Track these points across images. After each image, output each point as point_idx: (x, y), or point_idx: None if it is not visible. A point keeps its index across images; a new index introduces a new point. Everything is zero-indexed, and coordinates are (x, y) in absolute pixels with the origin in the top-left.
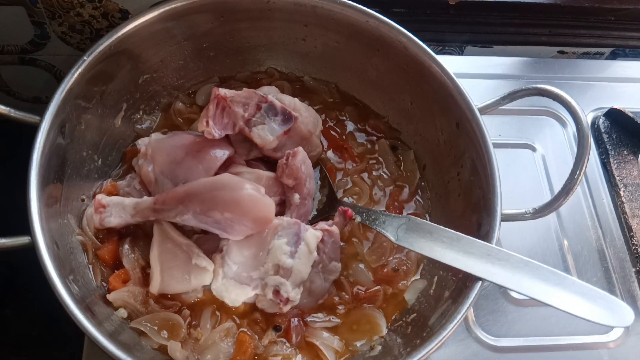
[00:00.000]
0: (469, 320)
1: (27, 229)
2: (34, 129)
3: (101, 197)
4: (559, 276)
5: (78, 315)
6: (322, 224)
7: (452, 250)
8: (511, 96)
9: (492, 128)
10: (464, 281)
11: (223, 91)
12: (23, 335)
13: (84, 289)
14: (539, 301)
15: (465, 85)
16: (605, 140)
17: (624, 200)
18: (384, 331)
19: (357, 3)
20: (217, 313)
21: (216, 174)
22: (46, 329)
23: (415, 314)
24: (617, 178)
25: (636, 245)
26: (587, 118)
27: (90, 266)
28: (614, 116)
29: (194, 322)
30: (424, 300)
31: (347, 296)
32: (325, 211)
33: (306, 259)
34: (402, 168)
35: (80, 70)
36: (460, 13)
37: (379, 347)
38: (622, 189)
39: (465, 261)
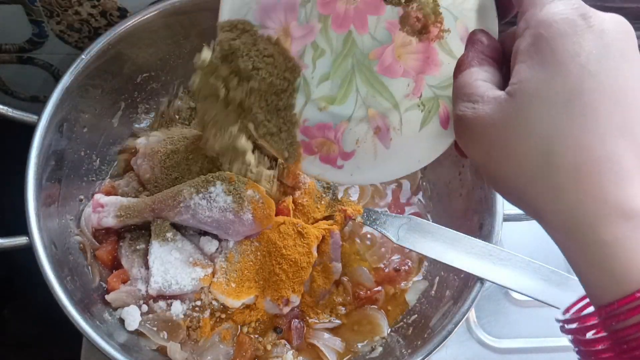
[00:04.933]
0: (471, 321)
1: (25, 229)
2: (31, 128)
3: (99, 197)
4: (561, 276)
5: (76, 316)
6: (323, 224)
7: (453, 250)
8: None
9: None
10: (465, 282)
11: None
12: (21, 336)
13: (82, 289)
14: (541, 302)
15: None
16: None
17: None
18: (386, 332)
19: None
20: (217, 314)
21: None
22: (44, 329)
23: (416, 315)
24: None
25: None
26: None
27: (89, 266)
28: None
29: (193, 324)
30: (425, 301)
31: (348, 297)
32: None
33: None
34: None
35: (78, 69)
36: None
37: (380, 348)
38: None
39: (467, 261)
